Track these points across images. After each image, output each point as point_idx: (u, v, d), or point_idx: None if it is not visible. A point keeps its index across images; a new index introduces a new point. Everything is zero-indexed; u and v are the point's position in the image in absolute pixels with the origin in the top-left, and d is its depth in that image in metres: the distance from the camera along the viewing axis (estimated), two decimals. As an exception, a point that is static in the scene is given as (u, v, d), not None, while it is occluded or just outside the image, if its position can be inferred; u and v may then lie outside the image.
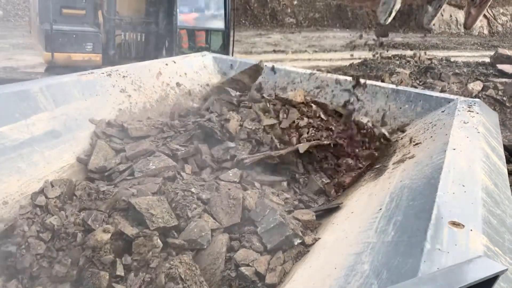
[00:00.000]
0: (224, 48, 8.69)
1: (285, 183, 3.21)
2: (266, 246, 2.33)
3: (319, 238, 2.41)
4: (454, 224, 1.69)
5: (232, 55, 8.80)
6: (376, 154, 3.39)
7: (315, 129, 3.52)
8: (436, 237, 1.61)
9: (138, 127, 3.54)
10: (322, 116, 3.72)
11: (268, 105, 3.77)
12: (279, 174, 3.30)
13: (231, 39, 8.67)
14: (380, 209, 2.18)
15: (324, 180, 3.26)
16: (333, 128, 3.59)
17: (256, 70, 4.72)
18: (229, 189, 2.73)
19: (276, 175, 3.28)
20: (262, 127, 3.51)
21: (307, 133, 3.47)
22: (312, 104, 3.83)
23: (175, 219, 2.43)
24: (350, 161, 3.36)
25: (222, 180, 2.96)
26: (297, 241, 2.35)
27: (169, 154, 3.18)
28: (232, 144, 3.29)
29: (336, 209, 2.78)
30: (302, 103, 3.78)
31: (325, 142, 3.34)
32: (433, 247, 1.55)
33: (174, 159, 3.13)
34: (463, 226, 1.68)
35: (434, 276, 1.09)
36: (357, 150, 3.47)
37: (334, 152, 3.41)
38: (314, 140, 3.36)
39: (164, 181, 2.86)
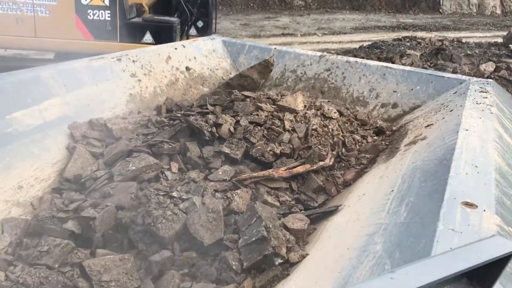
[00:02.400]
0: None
1: (281, 181, 2.88)
2: (243, 264, 2.08)
3: (307, 254, 2.18)
4: (467, 204, 1.69)
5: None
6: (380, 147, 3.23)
7: (321, 141, 3.17)
8: (449, 218, 1.61)
9: (123, 126, 3.22)
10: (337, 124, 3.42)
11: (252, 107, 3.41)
12: None
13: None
14: (392, 190, 2.18)
15: (324, 177, 2.96)
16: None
17: (266, 66, 4.43)
18: (214, 191, 2.55)
19: None
20: (262, 122, 3.23)
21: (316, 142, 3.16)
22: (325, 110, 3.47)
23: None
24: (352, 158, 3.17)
25: (211, 180, 2.71)
26: (278, 261, 2.07)
27: (149, 152, 2.91)
28: (226, 149, 2.96)
29: (334, 212, 2.54)
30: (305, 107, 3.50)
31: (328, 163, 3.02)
32: (446, 228, 1.55)
33: (157, 157, 2.89)
34: (476, 206, 1.68)
35: (447, 255, 1.09)
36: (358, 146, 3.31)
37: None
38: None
39: (144, 182, 2.66)
